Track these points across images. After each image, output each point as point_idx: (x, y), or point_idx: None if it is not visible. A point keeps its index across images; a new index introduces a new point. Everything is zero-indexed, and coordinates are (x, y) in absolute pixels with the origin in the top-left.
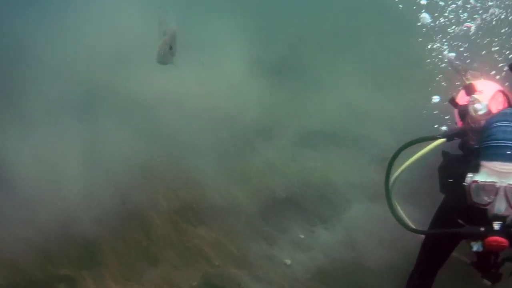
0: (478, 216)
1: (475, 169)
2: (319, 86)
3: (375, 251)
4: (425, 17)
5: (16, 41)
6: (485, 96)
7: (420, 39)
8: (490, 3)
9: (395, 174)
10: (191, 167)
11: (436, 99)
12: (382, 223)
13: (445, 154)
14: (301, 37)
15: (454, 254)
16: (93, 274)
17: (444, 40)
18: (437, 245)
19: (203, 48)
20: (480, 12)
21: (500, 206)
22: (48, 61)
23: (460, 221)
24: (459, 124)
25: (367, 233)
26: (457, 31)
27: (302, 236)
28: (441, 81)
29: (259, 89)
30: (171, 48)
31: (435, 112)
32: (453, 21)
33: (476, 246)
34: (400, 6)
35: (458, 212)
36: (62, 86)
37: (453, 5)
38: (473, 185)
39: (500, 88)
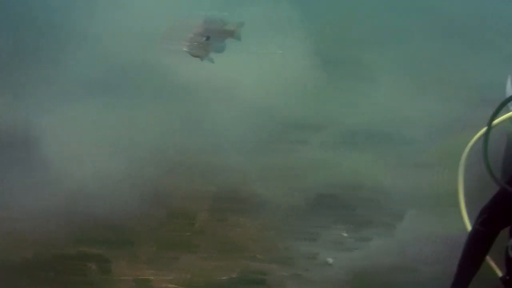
0: None
1: None
2: (371, 84)
3: (424, 261)
4: None
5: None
6: None
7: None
8: None
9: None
10: (236, 157)
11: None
12: (432, 232)
13: None
14: (348, 31)
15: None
16: (127, 256)
17: None
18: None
19: (254, 35)
20: None
21: None
22: (87, 37)
23: None
24: None
25: (414, 241)
26: None
27: (345, 235)
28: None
29: (312, 81)
30: (208, 38)
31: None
32: None
33: None
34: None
35: None
36: (101, 63)
37: None
38: None
39: None
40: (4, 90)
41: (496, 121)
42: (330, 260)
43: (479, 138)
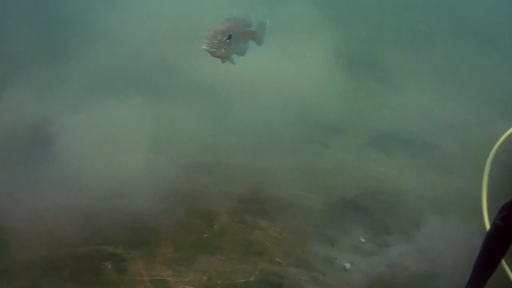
0: None
1: None
2: (394, 86)
3: (444, 267)
4: None
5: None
6: None
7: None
8: None
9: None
10: (260, 157)
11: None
12: (452, 238)
13: None
14: (376, 33)
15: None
16: (144, 256)
17: None
18: None
19: (282, 34)
20: None
21: None
22: (112, 35)
23: None
24: None
25: (433, 247)
26: None
27: (362, 240)
28: None
29: (337, 83)
30: (229, 37)
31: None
32: None
33: None
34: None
35: None
36: (125, 61)
37: None
38: None
39: None
40: (26, 88)
41: None
42: (348, 266)
43: (507, 138)
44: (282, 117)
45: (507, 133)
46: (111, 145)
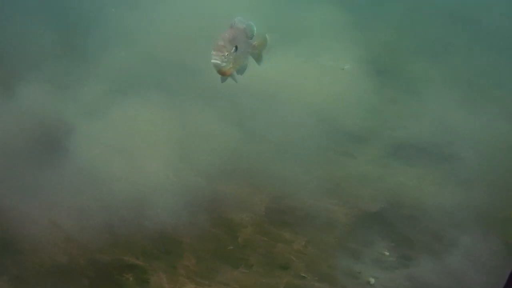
0: None
1: None
2: (415, 95)
3: (468, 283)
4: None
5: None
6: None
7: None
8: None
9: None
10: (283, 166)
11: None
12: (478, 253)
13: None
14: (398, 40)
15: None
16: (166, 268)
17: None
18: None
19: (303, 40)
20: None
21: None
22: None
23: None
24: None
25: (458, 262)
26: None
27: (387, 253)
28: None
29: (360, 90)
30: (236, 49)
31: None
32: None
33: None
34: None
35: None
36: (147, 63)
37: None
38: None
39: None
40: (42, 87)
41: None
42: (372, 280)
43: None
44: (304, 124)
45: None
46: (131, 150)
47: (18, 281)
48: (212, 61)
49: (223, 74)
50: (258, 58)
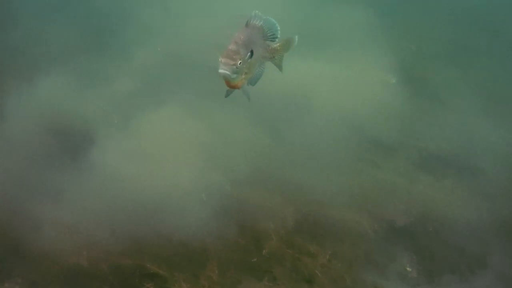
0: None
1: None
2: (442, 105)
3: None
4: None
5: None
6: None
7: None
8: None
9: None
10: (310, 175)
11: None
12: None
13: None
14: (428, 48)
15: None
16: (188, 278)
17: None
18: None
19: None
20: None
21: None
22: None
23: None
24: None
25: (483, 281)
26: None
27: (409, 269)
28: None
29: (388, 98)
30: (251, 54)
31: None
32: None
33: None
34: None
35: None
36: (174, 60)
37: None
38: None
39: None
40: (65, 83)
41: None
42: None
43: None
44: (333, 132)
45: None
46: (157, 154)
47: (35, 286)
48: (220, 71)
49: (232, 87)
50: (279, 64)
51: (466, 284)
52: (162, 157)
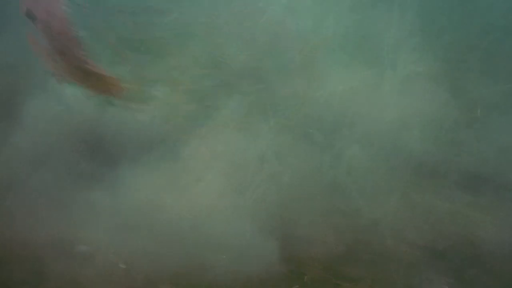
0: None
1: None
2: (478, 120)
3: None
4: None
5: None
6: None
7: None
8: None
9: None
10: (352, 196)
11: None
12: None
13: None
14: (465, 57)
15: None
16: None
17: None
18: None
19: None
20: None
21: None
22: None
23: None
24: None
25: None
26: None
27: None
28: None
29: (427, 110)
30: None
31: None
32: None
33: None
34: None
35: None
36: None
37: None
38: None
39: None
40: None
41: None
42: None
43: None
44: (376, 146)
45: None
46: (193, 175)
47: None
48: None
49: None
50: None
51: None
52: (199, 178)
